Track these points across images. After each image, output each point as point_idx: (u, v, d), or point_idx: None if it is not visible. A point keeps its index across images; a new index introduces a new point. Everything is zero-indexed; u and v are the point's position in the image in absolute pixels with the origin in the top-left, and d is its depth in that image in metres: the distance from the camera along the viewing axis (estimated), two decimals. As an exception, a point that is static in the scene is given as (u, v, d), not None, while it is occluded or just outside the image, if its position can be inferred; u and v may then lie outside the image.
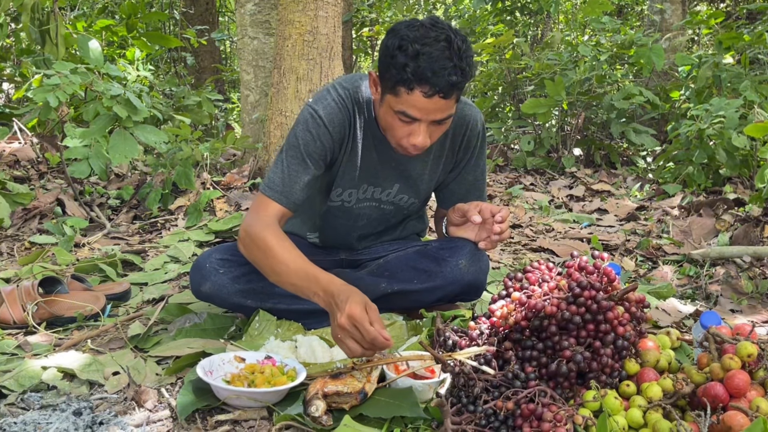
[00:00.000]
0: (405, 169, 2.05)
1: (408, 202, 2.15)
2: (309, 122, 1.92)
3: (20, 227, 3.31)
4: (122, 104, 3.16)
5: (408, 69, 1.66)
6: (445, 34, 1.68)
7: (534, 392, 1.46)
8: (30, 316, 2.13)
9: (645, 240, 3.10)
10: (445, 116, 1.75)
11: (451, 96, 1.70)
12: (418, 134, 1.76)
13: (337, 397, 1.56)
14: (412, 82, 1.67)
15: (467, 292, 2.07)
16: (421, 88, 1.67)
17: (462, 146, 2.07)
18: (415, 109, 1.71)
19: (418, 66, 1.65)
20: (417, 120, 1.74)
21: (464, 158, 2.11)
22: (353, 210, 2.12)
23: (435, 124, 1.76)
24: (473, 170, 2.14)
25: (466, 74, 1.69)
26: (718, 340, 1.56)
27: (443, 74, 1.65)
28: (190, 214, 3.42)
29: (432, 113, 1.72)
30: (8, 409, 1.61)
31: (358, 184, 2.05)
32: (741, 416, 1.34)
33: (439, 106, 1.71)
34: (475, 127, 2.06)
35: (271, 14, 4.36)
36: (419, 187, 2.11)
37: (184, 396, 1.62)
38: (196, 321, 2.09)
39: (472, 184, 2.15)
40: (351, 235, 2.20)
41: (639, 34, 5.51)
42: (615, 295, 1.60)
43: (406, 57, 1.66)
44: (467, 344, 1.71)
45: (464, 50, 1.69)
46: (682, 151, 4.38)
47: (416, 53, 1.65)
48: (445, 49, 1.66)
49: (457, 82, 1.67)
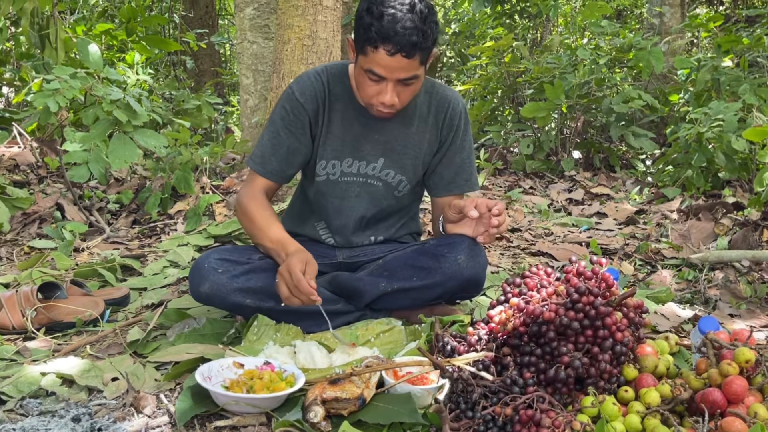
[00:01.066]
0: (387, 141, 2.13)
1: (396, 180, 2.18)
2: (284, 98, 2.12)
3: (20, 232, 3.32)
4: (122, 108, 3.16)
5: (373, 28, 1.82)
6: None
7: (532, 398, 1.47)
8: (29, 321, 2.14)
9: (644, 244, 3.10)
10: (409, 75, 1.89)
11: (413, 55, 1.84)
12: (386, 92, 1.91)
13: (335, 403, 1.57)
14: (376, 41, 1.83)
15: (466, 288, 2.09)
16: (384, 46, 1.82)
17: (445, 124, 2.16)
18: (380, 67, 1.87)
19: (382, 26, 1.81)
20: (384, 78, 1.89)
21: (448, 137, 2.17)
22: (340, 184, 2.17)
23: (402, 84, 1.91)
24: (459, 151, 2.20)
25: (427, 36, 1.84)
26: (716, 345, 1.56)
27: (405, 34, 1.80)
28: (189, 218, 3.42)
29: (396, 71, 1.87)
30: (7, 415, 1.62)
31: (340, 156, 2.14)
32: (739, 422, 1.34)
33: (403, 65, 1.85)
34: (456, 106, 2.16)
35: (270, 18, 4.37)
36: (404, 162, 2.16)
37: (183, 402, 1.62)
38: (195, 326, 2.09)
39: (459, 166, 2.20)
40: (348, 216, 2.21)
41: (638, 37, 5.51)
42: (613, 300, 1.60)
43: (371, 17, 1.83)
44: (466, 350, 1.71)
45: (426, 14, 1.84)
46: (681, 155, 4.38)
47: (381, 14, 1.82)
48: (408, 12, 1.82)
49: (418, 42, 1.82)
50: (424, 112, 2.13)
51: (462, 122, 2.18)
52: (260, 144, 2.16)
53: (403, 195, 2.22)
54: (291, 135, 2.10)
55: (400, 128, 2.12)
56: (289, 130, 2.10)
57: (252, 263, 2.09)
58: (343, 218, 2.22)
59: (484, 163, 5.20)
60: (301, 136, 2.10)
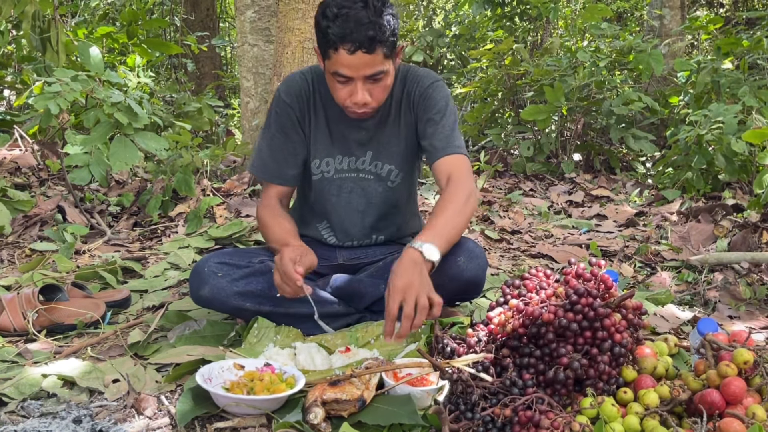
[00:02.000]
0: (372, 136, 2.15)
1: (386, 170, 2.18)
2: (273, 101, 2.18)
3: (21, 234, 3.32)
4: (123, 111, 3.17)
5: (330, 30, 1.84)
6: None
7: (531, 399, 1.47)
8: (30, 323, 2.14)
9: (643, 246, 3.11)
10: (374, 71, 1.89)
11: (374, 50, 1.84)
12: (356, 92, 1.92)
13: (335, 405, 1.57)
14: (335, 43, 1.84)
15: (466, 290, 2.09)
16: (343, 45, 1.83)
17: (416, 101, 2.12)
18: (344, 67, 1.87)
19: (338, 26, 1.82)
20: (351, 78, 1.90)
21: (425, 111, 2.10)
22: (335, 181, 2.19)
23: (370, 81, 1.91)
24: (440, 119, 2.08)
25: (383, 29, 1.84)
26: (715, 347, 1.57)
27: (361, 29, 1.81)
28: (190, 220, 3.43)
29: (361, 69, 1.87)
30: (8, 416, 1.62)
31: (332, 153, 2.16)
32: (737, 423, 1.35)
33: (365, 61, 1.86)
34: (424, 81, 2.11)
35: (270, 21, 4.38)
36: (391, 151, 2.16)
37: (184, 403, 1.62)
38: (195, 328, 2.10)
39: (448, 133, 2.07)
40: (347, 212, 2.23)
41: (638, 39, 5.52)
42: (612, 302, 1.61)
43: (327, 20, 1.85)
44: (465, 351, 1.72)
45: (381, 7, 1.85)
46: (681, 157, 4.39)
47: (335, 15, 1.83)
48: (362, 8, 1.82)
49: (375, 35, 1.82)
50: (399, 98, 2.13)
51: (434, 92, 2.10)
52: (258, 151, 2.20)
53: (396, 185, 2.21)
54: (285, 136, 2.14)
55: (380, 120, 2.13)
56: (282, 131, 2.14)
57: (252, 267, 2.10)
58: (342, 215, 2.23)
59: (484, 166, 5.21)
60: (294, 135, 2.14)
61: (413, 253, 1.77)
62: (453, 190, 1.95)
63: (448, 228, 1.87)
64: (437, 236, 1.83)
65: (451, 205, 1.91)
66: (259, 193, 3.90)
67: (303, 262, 1.90)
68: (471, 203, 1.95)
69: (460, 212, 1.91)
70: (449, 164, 2.03)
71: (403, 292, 1.70)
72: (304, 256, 1.92)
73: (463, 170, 2.02)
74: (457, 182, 1.97)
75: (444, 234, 1.85)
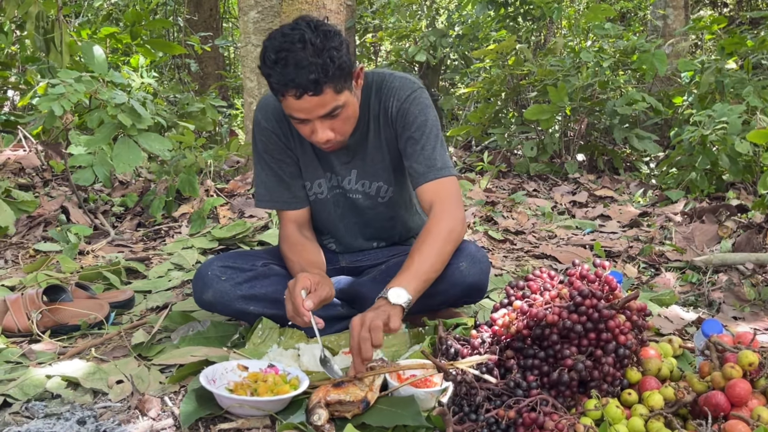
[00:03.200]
0: (354, 155, 2.08)
1: (374, 188, 2.12)
2: (255, 128, 2.09)
3: (25, 235, 3.33)
4: (126, 112, 3.17)
5: (272, 79, 1.74)
6: (299, 34, 1.72)
7: (535, 401, 1.47)
8: (34, 324, 2.15)
9: (647, 246, 3.10)
10: (328, 110, 1.78)
11: (321, 91, 1.73)
12: (316, 131, 1.82)
13: (339, 406, 1.57)
14: (279, 90, 1.74)
15: (469, 295, 2.08)
16: (288, 92, 1.73)
17: (393, 118, 2.00)
18: (296, 111, 1.78)
19: (278, 73, 1.71)
20: (307, 120, 1.80)
21: (404, 129, 1.99)
22: (328, 201, 2.15)
23: (328, 117, 1.81)
24: (420, 139, 1.97)
25: (327, 68, 1.71)
26: (720, 348, 1.57)
27: (302, 74, 1.69)
28: (193, 221, 3.43)
29: (313, 111, 1.77)
30: (12, 417, 1.62)
31: (320, 174, 2.11)
32: (742, 425, 1.34)
33: (315, 103, 1.75)
34: (401, 94, 1.98)
35: (274, 22, 4.38)
36: (375, 169, 2.08)
37: (187, 405, 1.62)
38: (199, 329, 2.10)
39: (428, 157, 1.96)
40: (344, 230, 2.22)
41: (641, 39, 5.51)
42: (616, 303, 1.61)
43: (267, 68, 1.74)
44: (469, 353, 1.72)
45: (320, 45, 1.71)
46: (685, 157, 4.38)
47: (274, 61, 1.72)
48: (300, 50, 1.70)
49: (318, 78, 1.70)
50: (376, 112, 2.02)
51: (411, 106, 1.98)
52: (258, 181, 2.13)
53: (388, 199, 2.16)
54: (278, 161, 2.08)
55: (361, 138, 2.04)
56: (273, 157, 2.08)
57: (255, 270, 2.09)
58: (341, 231, 2.23)
59: (487, 166, 5.21)
60: (287, 158, 2.08)
61: (379, 302, 1.74)
62: (434, 224, 1.88)
63: (425, 268, 1.82)
64: (412, 279, 1.78)
65: (429, 244, 1.85)
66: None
67: (317, 294, 1.80)
68: (454, 237, 1.89)
69: (440, 251, 1.86)
70: (432, 191, 1.94)
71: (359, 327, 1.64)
72: (320, 286, 1.83)
73: (447, 197, 1.93)
74: (439, 214, 1.90)
75: (419, 275, 1.80)
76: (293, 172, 2.10)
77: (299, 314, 1.75)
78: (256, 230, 3.26)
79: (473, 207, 4.04)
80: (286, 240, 2.10)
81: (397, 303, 1.73)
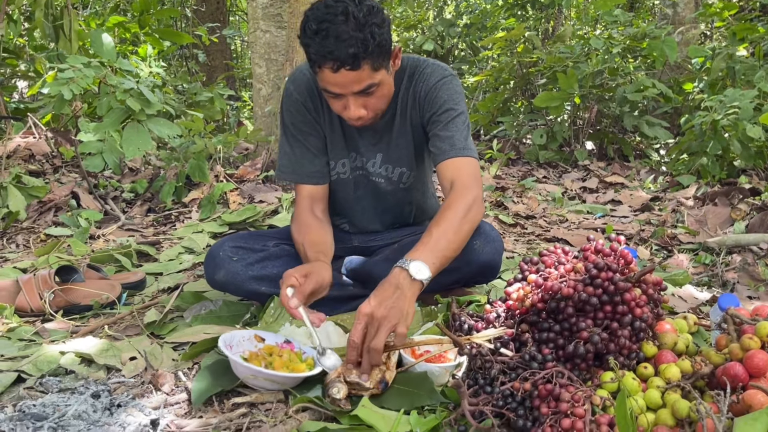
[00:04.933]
0: (380, 138, 2.05)
1: (396, 173, 2.11)
2: (285, 100, 2.05)
3: (35, 220, 3.33)
4: (135, 97, 3.17)
5: (311, 49, 1.70)
6: (342, 6, 1.68)
7: (551, 373, 1.46)
8: (47, 304, 2.15)
9: (660, 229, 3.08)
10: (363, 87, 1.75)
11: (358, 66, 1.70)
12: (349, 107, 1.80)
13: (357, 386, 1.56)
14: (317, 62, 1.71)
15: (483, 273, 2.06)
16: (326, 65, 1.69)
17: (422, 100, 1.99)
18: (331, 85, 1.75)
19: (317, 44, 1.67)
20: (341, 95, 1.77)
21: (431, 110, 1.97)
22: (349, 182, 2.13)
23: (363, 94, 1.78)
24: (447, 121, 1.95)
25: (367, 43, 1.67)
26: (737, 321, 1.55)
27: (342, 47, 1.65)
28: (203, 206, 3.43)
29: (348, 86, 1.74)
30: (27, 392, 1.63)
31: (346, 154, 2.08)
32: (761, 395, 1.33)
33: (351, 78, 1.72)
34: (431, 80, 1.97)
35: (283, 7, 4.37)
36: (400, 154, 2.07)
37: (200, 382, 1.62)
38: (211, 308, 2.10)
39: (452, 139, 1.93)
40: (361, 212, 2.21)
41: (652, 26, 5.47)
42: (632, 276, 1.59)
43: (307, 37, 1.70)
44: (484, 327, 1.71)
45: (363, 20, 1.67)
46: (696, 143, 4.35)
47: (315, 32, 1.67)
48: (342, 23, 1.66)
49: (358, 52, 1.67)
50: (405, 97, 2.00)
51: (440, 91, 1.96)
52: (282, 153, 2.09)
53: (409, 185, 2.16)
54: (304, 134, 2.05)
55: (389, 121, 2.03)
56: (301, 129, 2.05)
57: (267, 250, 2.09)
58: (357, 213, 2.22)
59: (497, 154, 5.19)
60: (314, 131, 2.05)
61: (397, 273, 1.63)
62: (453, 201, 1.80)
63: (442, 244, 1.71)
64: (430, 254, 1.67)
65: (448, 220, 1.75)
66: (272, 179, 3.90)
67: (302, 290, 1.72)
68: (472, 216, 1.80)
69: (458, 228, 1.76)
70: (453, 168, 1.89)
71: (366, 321, 1.55)
72: (308, 279, 1.75)
73: (468, 175, 1.88)
74: (459, 191, 1.83)
75: (437, 251, 1.69)
76: (319, 146, 2.07)
77: (292, 315, 1.69)
78: (266, 215, 3.26)
79: (484, 192, 4.03)
80: (297, 218, 2.08)
81: (417, 278, 1.63)
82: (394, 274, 1.63)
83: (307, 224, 2.04)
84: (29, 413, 1.47)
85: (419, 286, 1.63)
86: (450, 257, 1.74)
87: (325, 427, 1.44)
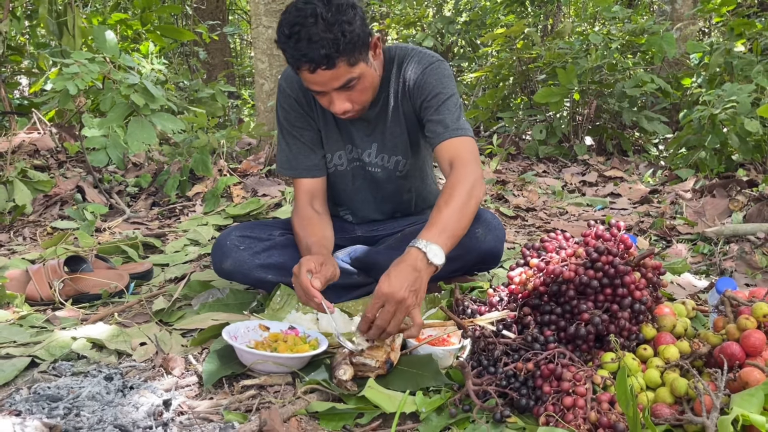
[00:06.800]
0: (375, 128, 2.09)
1: (392, 162, 2.15)
2: (279, 96, 2.13)
3: (42, 213, 3.37)
4: (139, 92, 3.20)
5: (287, 53, 1.76)
6: (311, 9, 1.72)
7: (553, 354, 1.50)
8: (57, 292, 2.18)
9: (659, 220, 3.12)
10: (343, 82, 1.80)
11: (334, 65, 1.74)
12: (334, 102, 1.85)
13: (363, 367, 1.60)
14: (294, 64, 1.77)
15: (485, 261, 2.10)
16: (303, 66, 1.75)
17: (412, 88, 2.02)
18: (312, 84, 1.81)
19: (291, 48, 1.73)
20: (323, 92, 1.83)
21: (422, 96, 1.99)
22: (347, 173, 2.17)
23: (344, 89, 1.83)
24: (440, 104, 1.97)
25: (338, 42, 1.72)
26: (734, 303, 1.59)
27: (314, 49, 1.71)
28: (207, 200, 3.47)
29: (328, 83, 1.80)
30: (41, 375, 1.66)
31: (342, 146, 2.13)
32: (758, 372, 1.37)
33: (329, 77, 1.77)
34: (419, 67, 2.00)
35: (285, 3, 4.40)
36: (395, 143, 2.11)
37: (210, 364, 1.66)
38: (218, 296, 2.14)
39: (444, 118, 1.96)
40: (361, 202, 2.24)
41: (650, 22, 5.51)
42: (632, 260, 1.63)
43: (282, 42, 1.76)
44: (487, 310, 1.75)
45: (332, 20, 1.71)
46: (695, 137, 4.38)
47: (288, 36, 1.73)
48: (312, 25, 1.70)
49: (330, 53, 1.71)
50: (396, 86, 2.04)
51: (428, 77, 1.98)
52: (280, 149, 2.17)
53: (406, 172, 2.19)
54: (299, 129, 2.11)
55: (381, 112, 2.07)
56: (296, 125, 2.11)
57: (273, 239, 2.12)
58: (358, 204, 2.26)
59: (497, 149, 5.22)
60: (308, 126, 2.11)
61: (416, 255, 1.63)
62: (456, 180, 1.81)
63: (452, 225, 1.72)
64: (442, 235, 1.68)
65: (454, 199, 1.76)
66: (275, 174, 3.93)
67: (322, 273, 1.79)
68: (476, 193, 1.81)
69: (464, 206, 1.76)
70: (451, 148, 1.91)
71: (384, 301, 1.57)
72: (324, 266, 1.82)
73: (467, 154, 1.89)
74: (460, 170, 1.84)
75: (448, 231, 1.70)
76: (314, 140, 2.12)
77: (310, 296, 1.72)
78: (269, 208, 3.29)
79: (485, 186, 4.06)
80: (297, 213, 2.11)
81: (434, 263, 1.64)
82: (413, 256, 1.63)
83: (307, 218, 2.08)
84: (44, 395, 1.51)
85: (434, 270, 1.65)
86: (459, 236, 1.76)
87: (333, 406, 1.48)
